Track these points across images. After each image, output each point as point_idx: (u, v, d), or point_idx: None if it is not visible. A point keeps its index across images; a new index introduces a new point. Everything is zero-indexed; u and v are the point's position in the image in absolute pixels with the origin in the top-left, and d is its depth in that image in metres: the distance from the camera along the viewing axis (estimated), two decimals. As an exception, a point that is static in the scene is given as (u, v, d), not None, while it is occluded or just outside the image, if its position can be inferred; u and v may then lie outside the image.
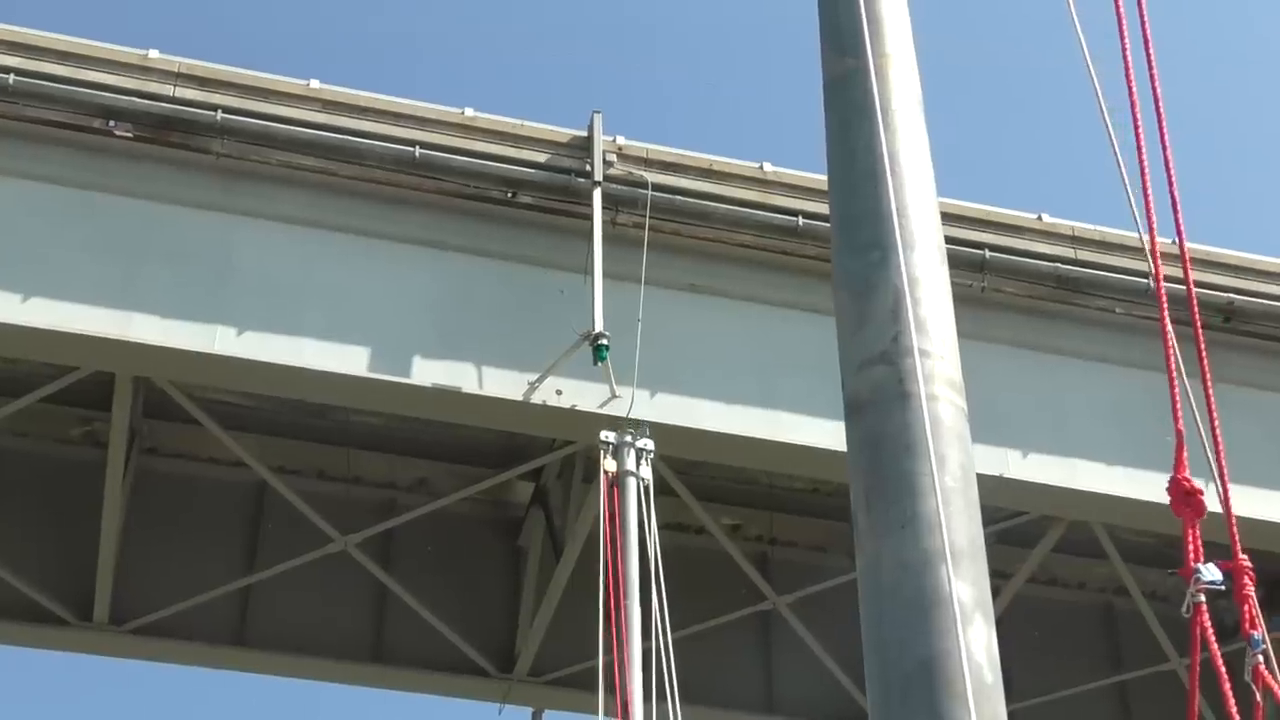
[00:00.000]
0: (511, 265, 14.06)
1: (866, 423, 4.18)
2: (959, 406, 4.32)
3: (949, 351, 4.39)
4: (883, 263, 4.31)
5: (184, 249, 13.40)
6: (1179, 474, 4.81)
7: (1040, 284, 14.93)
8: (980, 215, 15.03)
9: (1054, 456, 14.41)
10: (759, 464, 14.60)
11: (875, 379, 4.21)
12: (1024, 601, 17.94)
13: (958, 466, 4.13)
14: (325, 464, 16.36)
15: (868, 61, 4.59)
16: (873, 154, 4.45)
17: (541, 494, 16.38)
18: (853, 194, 4.49)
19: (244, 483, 16.43)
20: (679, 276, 14.39)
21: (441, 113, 14.12)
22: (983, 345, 14.84)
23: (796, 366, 13.93)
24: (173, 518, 16.19)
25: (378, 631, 16.35)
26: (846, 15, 4.69)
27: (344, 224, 13.85)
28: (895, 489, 4.01)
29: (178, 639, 15.74)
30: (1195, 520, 4.76)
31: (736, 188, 14.51)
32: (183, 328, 13.00)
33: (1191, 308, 6.05)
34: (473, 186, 14.02)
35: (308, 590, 16.18)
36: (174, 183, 13.59)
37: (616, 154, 14.26)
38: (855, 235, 4.41)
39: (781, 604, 15.85)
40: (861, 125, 4.50)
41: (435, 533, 16.83)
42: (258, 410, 15.83)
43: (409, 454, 16.34)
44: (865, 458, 4.13)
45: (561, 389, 13.48)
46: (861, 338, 4.28)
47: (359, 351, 13.28)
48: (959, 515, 3.98)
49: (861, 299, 4.33)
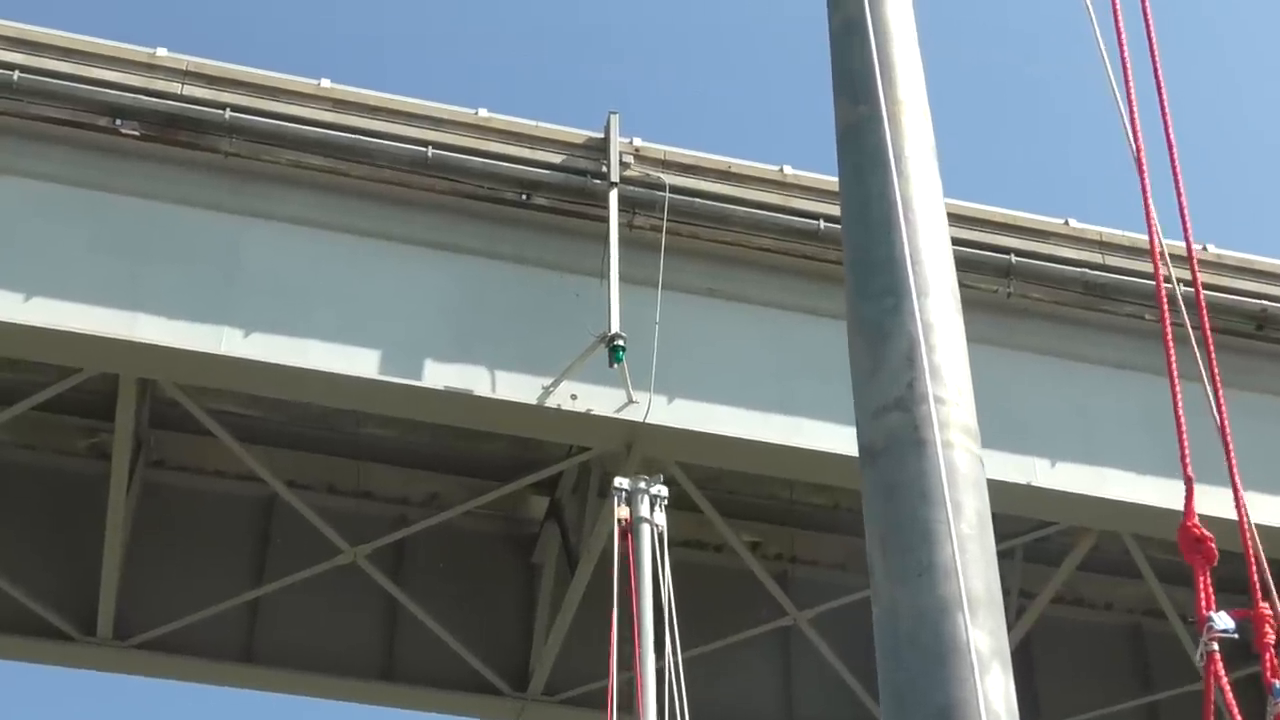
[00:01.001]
0: (526, 269, 13.75)
1: (882, 470, 4.15)
2: (975, 453, 4.21)
3: (964, 398, 4.26)
4: (897, 309, 4.30)
5: (191, 249, 13.11)
6: (1188, 521, 4.68)
7: (1067, 290, 14.59)
8: (1006, 220, 14.70)
9: (1083, 465, 14.04)
10: (779, 471, 14.22)
11: (890, 426, 4.17)
12: (1051, 622, 17.55)
13: (974, 514, 4.07)
14: (335, 478, 16.02)
15: (880, 109, 4.60)
16: (886, 200, 4.46)
17: (556, 508, 16.02)
18: (867, 240, 4.51)
19: (252, 496, 16.09)
20: (697, 280, 14.07)
21: (455, 113, 13.84)
22: (1009, 352, 14.52)
23: (817, 372, 13.57)
24: (179, 531, 15.85)
25: (388, 649, 15.97)
26: (859, 62, 4.71)
27: (354, 225, 13.55)
28: (911, 536, 3.97)
29: (183, 654, 15.36)
30: (1206, 568, 4.66)
31: (756, 190, 14.20)
32: (189, 328, 12.69)
33: (1200, 312, 5.75)
34: (486, 188, 13.73)
35: (317, 606, 15.81)
36: (181, 182, 13.31)
37: (633, 155, 13.97)
38: (869, 281, 4.41)
39: (802, 619, 15.44)
40: (875, 172, 4.53)
41: (448, 549, 16.47)
42: (266, 421, 15.51)
43: (421, 467, 15.99)
44: (880, 505, 4.11)
45: (577, 394, 13.14)
46: (876, 384, 4.26)
47: (369, 354, 12.97)
48: (975, 563, 3.96)
49: (876, 345, 4.31)
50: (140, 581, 15.46)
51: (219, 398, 14.83)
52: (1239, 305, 14.87)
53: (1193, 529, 4.70)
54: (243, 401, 15.38)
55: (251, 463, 14.64)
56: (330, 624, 15.86)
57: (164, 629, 15.15)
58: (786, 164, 14.46)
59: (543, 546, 16.22)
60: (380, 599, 15.91)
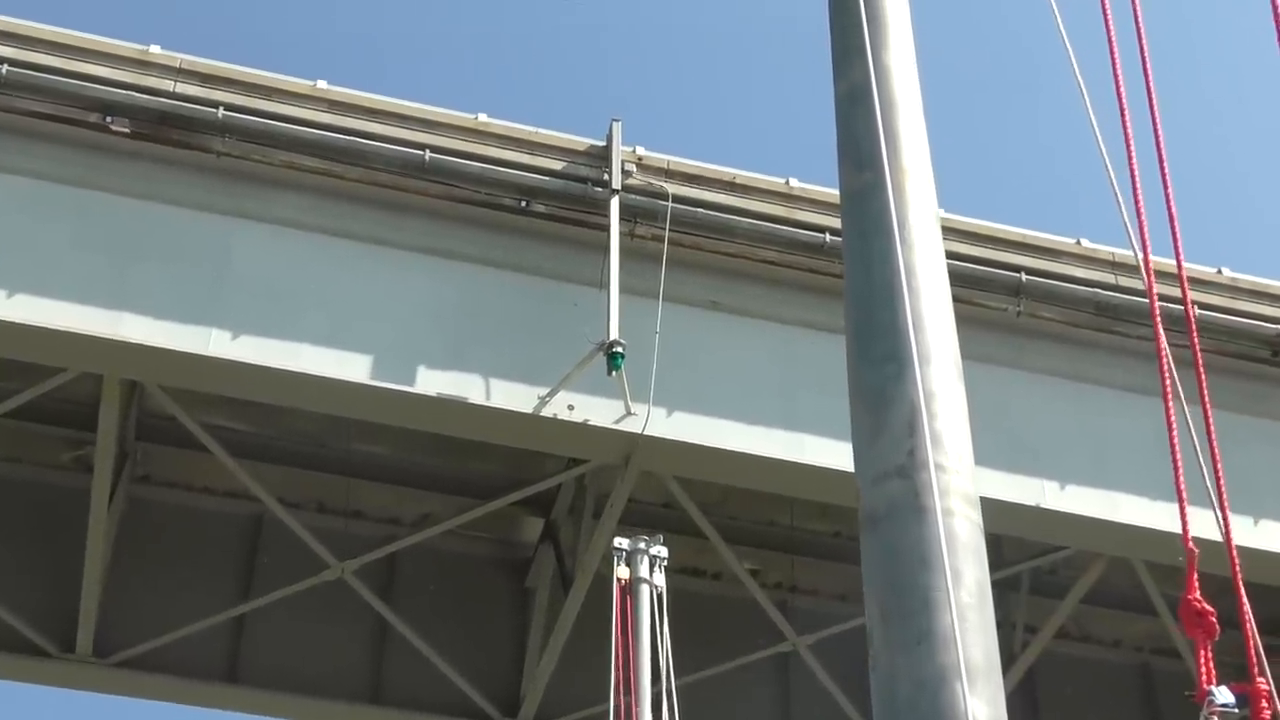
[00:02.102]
0: (523, 277, 13.40)
1: (882, 536, 4.16)
2: (975, 522, 4.20)
3: (965, 466, 4.28)
4: (899, 376, 4.33)
5: (180, 250, 12.77)
6: (1190, 594, 4.64)
7: (1079, 310, 14.22)
8: (1017, 238, 14.36)
9: (1093, 489, 13.64)
10: (780, 487, 13.81)
11: (891, 493, 4.19)
12: (1058, 659, 17.12)
13: (974, 583, 4.06)
14: (325, 496, 15.62)
15: (885, 176, 4.65)
16: (889, 267, 4.51)
17: (551, 530, 15.61)
18: (869, 306, 4.55)
19: (239, 514, 15.70)
20: (699, 293, 13.71)
21: (453, 117, 13.52)
22: (1019, 373, 14.19)
23: (821, 388, 13.17)
24: (165, 548, 15.44)
25: (377, 672, 15.52)
26: (864, 130, 4.77)
27: (348, 229, 13.21)
28: (910, 604, 3.98)
29: (165, 673, 14.92)
30: (1207, 641, 4.61)
31: (760, 202, 13.87)
32: (176, 329, 12.33)
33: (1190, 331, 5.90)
34: (484, 193, 13.39)
35: (304, 627, 15.39)
36: (172, 182, 12.98)
37: (636, 164, 13.64)
38: (871, 347, 4.45)
39: (802, 644, 15.01)
40: (878, 238, 4.58)
41: (440, 571, 16.06)
42: (257, 436, 15.13)
43: (413, 486, 15.59)
44: (880, 572, 4.13)
45: (574, 404, 12.77)
46: (877, 451, 4.28)
47: (361, 359, 12.60)
48: (974, 632, 3.96)
49: (877, 412, 4.33)
50: (122, 598, 15.04)
51: (209, 409, 14.46)
52: (1255, 330, 14.51)
53: (1194, 603, 4.67)
54: (233, 415, 15.01)
55: (241, 475, 14.24)
56: (318, 645, 15.43)
57: (145, 646, 14.73)
58: (792, 177, 14.12)
59: (537, 570, 15.81)
60: (369, 621, 15.49)
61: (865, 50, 4.90)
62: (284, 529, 15.15)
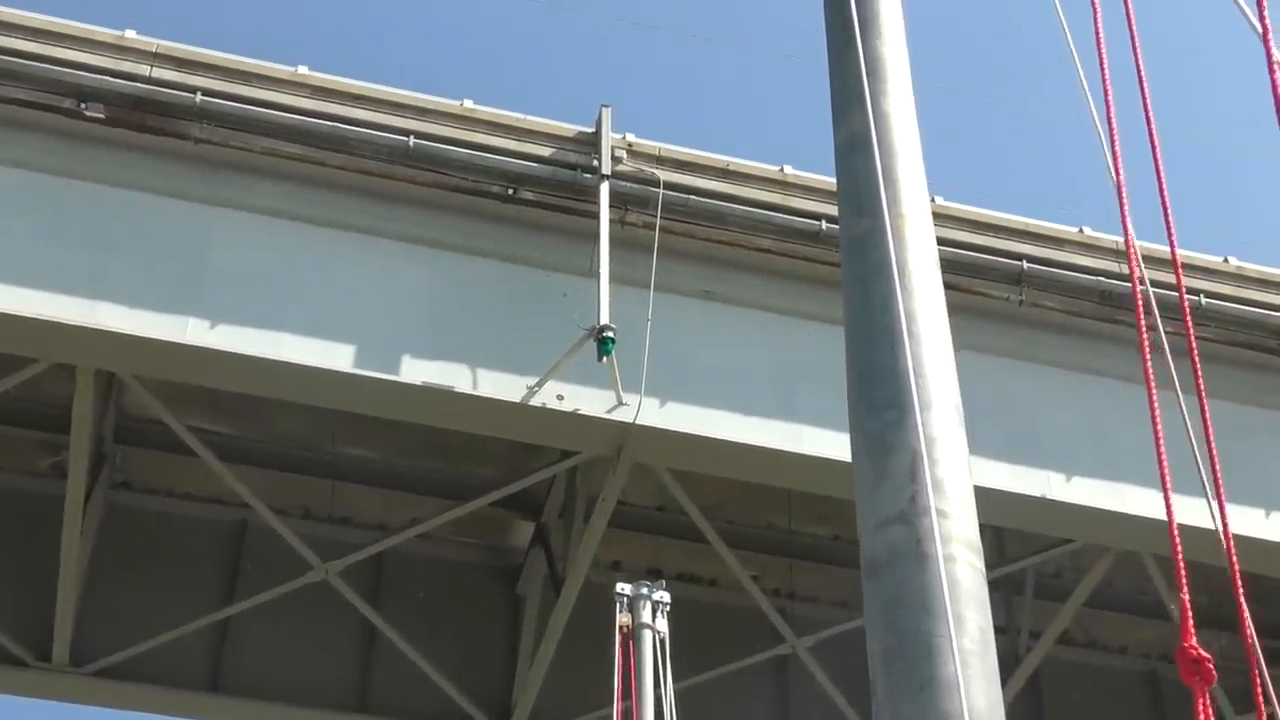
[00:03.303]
0: (511, 267, 13.02)
1: (884, 583, 4.17)
2: (977, 568, 4.20)
3: (967, 512, 4.30)
4: (900, 423, 4.34)
5: (157, 238, 12.38)
6: (1186, 642, 4.61)
7: (1082, 299, 13.85)
8: (1018, 226, 14.01)
9: (1100, 480, 13.25)
10: (778, 479, 13.40)
11: (892, 539, 4.20)
12: (1062, 665, 16.72)
13: (976, 629, 4.07)
14: (311, 501, 15.21)
15: (885, 222, 4.68)
16: (890, 313, 4.53)
17: (542, 533, 15.20)
18: (870, 352, 4.57)
19: (222, 520, 15.30)
20: (692, 282, 13.34)
21: (438, 103, 13.16)
22: (1022, 364, 13.83)
23: (819, 379, 12.79)
24: (145, 555, 15.02)
25: (364, 680, 15.08)
26: (864, 177, 4.82)
27: (331, 218, 12.84)
28: (913, 651, 3.99)
29: (145, 683, 14.46)
30: (1205, 689, 4.59)
31: (755, 189, 13.50)
32: (152, 318, 11.94)
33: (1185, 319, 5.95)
34: (470, 181, 13.01)
35: (289, 634, 14.96)
36: (149, 170, 12.60)
37: (626, 150, 13.28)
38: (873, 394, 4.46)
39: (801, 646, 14.58)
40: (879, 284, 4.61)
41: (430, 579, 15.65)
42: (240, 439, 14.73)
43: (401, 489, 15.18)
44: (883, 619, 4.13)
45: (564, 394, 12.38)
46: (879, 497, 4.28)
47: (344, 349, 12.21)
48: (977, 679, 3.96)
49: (879, 458, 4.34)
50: (101, 606, 14.62)
51: (190, 411, 14.07)
52: (1263, 319, 14.14)
53: (1190, 650, 4.63)
54: (215, 417, 14.63)
55: (225, 476, 13.80)
56: (303, 653, 15.00)
57: (123, 655, 14.28)
58: (787, 165, 13.77)
59: (527, 576, 15.40)
60: (356, 628, 15.07)
61: (865, 98, 4.95)
62: (268, 535, 14.73)
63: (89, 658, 14.37)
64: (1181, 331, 14.44)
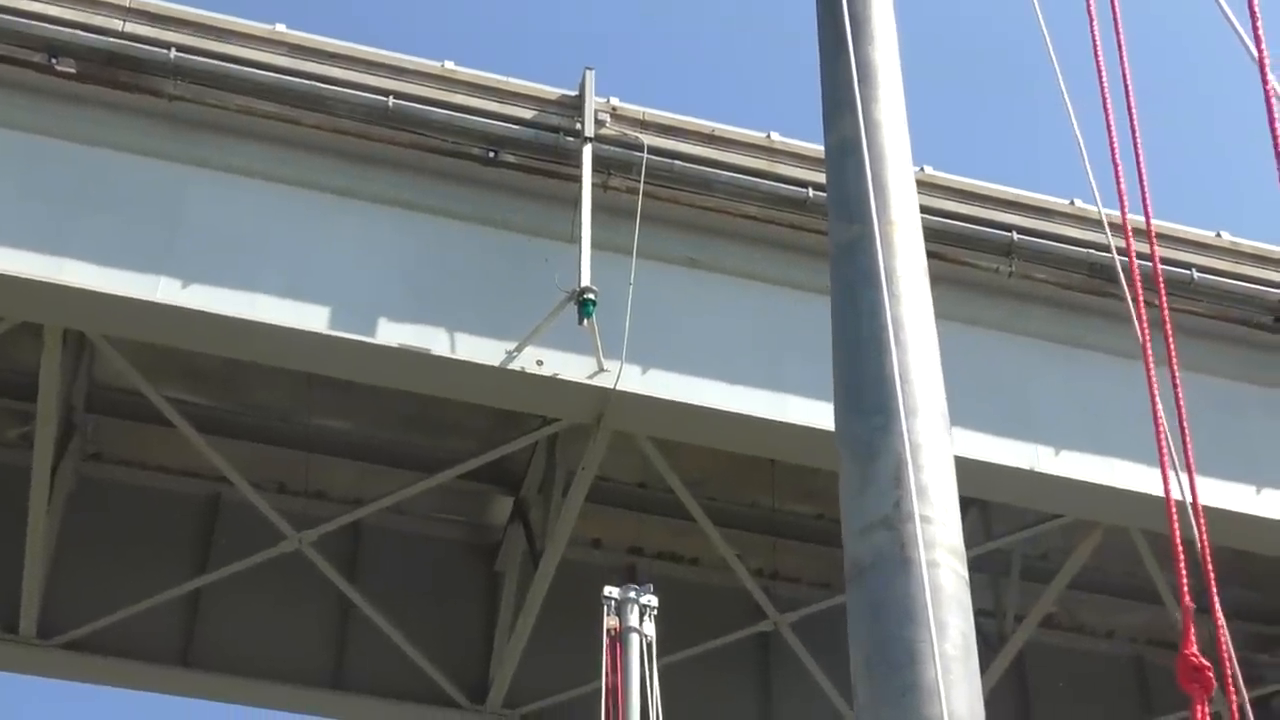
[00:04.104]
0: (491, 231, 12.74)
1: (868, 588, 4.22)
2: (960, 574, 4.24)
3: (951, 518, 4.33)
4: (885, 428, 4.38)
5: (129, 197, 12.07)
6: (1186, 649, 4.66)
7: (1072, 272, 13.59)
8: (1008, 197, 13.76)
9: (1089, 454, 13.00)
10: (762, 449, 13.12)
11: (876, 544, 4.24)
12: (1048, 649, 16.49)
13: (958, 634, 4.11)
14: (287, 476, 14.91)
15: (874, 229, 4.73)
16: (877, 320, 4.58)
17: (521, 509, 14.92)
18: (857, 359, 4.61)
19: (196, 494, 15.02)
20: (676, 250, 13.07)
21: (419, 64, 12.86)
22: (1012, 337, 13.61)
23: (805, 349, 12.51)
24: (116, 528, 14.73)
25: (339, 656, 14.80)
26: (854, 183, 4.85)
27: (308, 179, 12.55)
28: (895, 657, 4.03)
29: (113, 656, 14.16)
30: (1204, 697, 4.61)
31: (741, 155, 13.23)
32: (122, 276, 11.63)
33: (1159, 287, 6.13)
34: (451, 142, 12.73)
35: (262, 607, 14.68)
36: (121, 127, 12.30)
37: (610, 114, 13.00)
38: (859, 400, 4.50)
39: (784, 623, 14.32)
40: (867, 291, 4.65)
41: (407, 556, 15.39)
42: (216, 411, 14.43)
43: (378, 463, 14.89)
44: (866, 624, 4.17)
45: (543, 359, 12.11)
46: (863, 502, 4.33)
47: (319, 310, 11.92)
48: (959, 684, 3.99)
49: (864, 463, 4.39)
50: (70, 579, 14.33)
51: (165, 381, 13.74)
52: (1257, 295, 13.91)
53: (1191, 658, 4.66)
54: (191, 388, 14.34)
55: (202, 446, 13.47)
56: (276, 628, 14.72)
57: (92, 627, 13.99)
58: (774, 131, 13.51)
59: (506, 553, 15.12)
60: (331, 603, 14.79)
61: (855, 104, 4.98)
62: (242, 510, 14.46)
63: (57, 630, 14.08)
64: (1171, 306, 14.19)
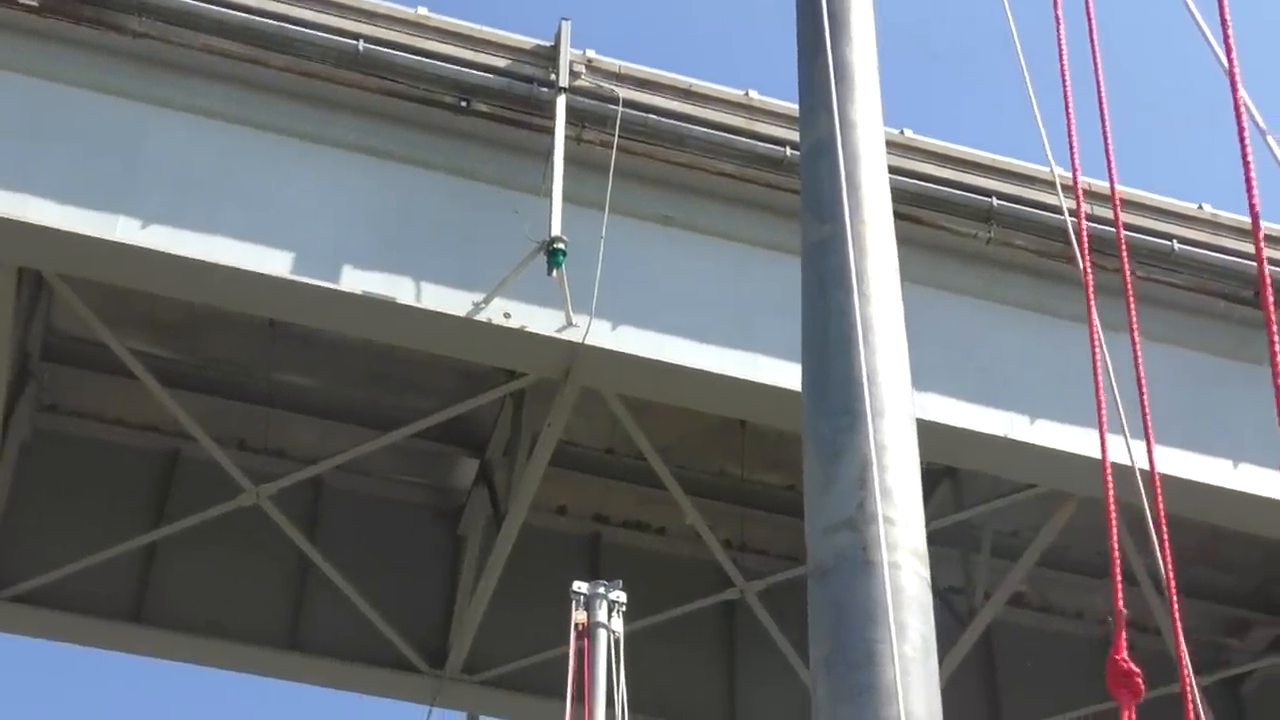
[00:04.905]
0: (461, 181, 12.45)
1: (829, 589, 4.21)
2: (922, 576, 4.24)
3: (914, 520, 4.33)
4: (851, 428, 4.38)
5: (89, 135, 11.75)
6: (1116, 653, 4.71)
7: (1052, 240, 13.35)
8: (988, 162, 13.52)
9: (1064, 424, 12.76)
10: (733, 409, 12.88)
11: (839, 545, 4.23)
12: (1016, 629, 16.29)
13: (918, 637, 4.11)
14: (247, 432, 14.60)
15: (846, 229, 4.72)
16: (847, 320, 4.57)
17: (486, 471, 14.64)
18: (825, 358, 4.59)
19: (154, 449, 14.71)
20: (650, 207, 12.80)
21: (390, 9, 12.55)
22: (989, 305, 13.40)
23: (778, 310, 12.19)
24: (71, 481, 14.43)
25: (296, 616, 14.52)
26: (828, 183, 4.84)
27: (274, 123, 12.24)
28: (854, 657, 4.06)
29: (64, 610, 13.85)
30: (1131, 702, 4.65)
31: (718, 112, 12.95)
32: (79, 214, 11.31)
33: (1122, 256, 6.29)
34: (422, 89, 12.43)
35: (218, 565, 14.39)
36: (82, 63, 11.96)
37: (585, 66, 12.72)
38: (826, 399, 4.49)
39: (750, 590, 14.09)
40: (837, 291, 4.64)
41: (369, 517, 15.10)
42: (177, 364, 14.11)
43: (341, 420, 14.59)
44: (827, 624, 4.17)
45: (510, 311, 11.83)
46: (827, 502, 4.31)
47: (282, 255, 11.62)
48: (918, 686, 4.00)
49: (829, 463, 4.37)
50: (21, 531, 14.04)
51: (125, 331, 13.42)
52: (1238, 268, 13.68)
53: (1121, 663, 4.69)
54: (152, 339, 14.02)
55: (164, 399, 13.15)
56: (232, 586, 14.44)
57: (42, 580, 13.68)
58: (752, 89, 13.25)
59: (469, 516, 14.84)
60: (289, 562, 14.51)
61: (832, 105, 4.97)
62: (200, 466, 14.19)
63: (5, 583, 13.76)
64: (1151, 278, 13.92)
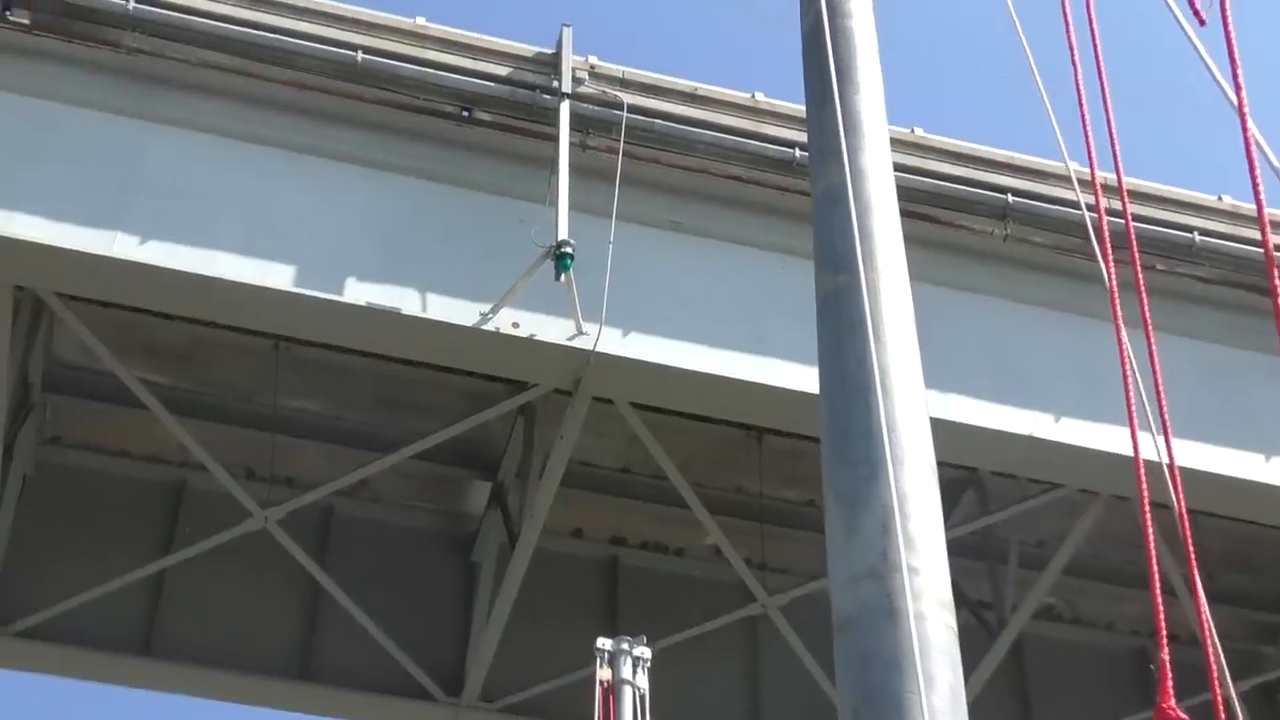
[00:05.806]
0: (465, 193, 12.22)
1: (855, 639, 4.15)
2: (949, 625, 4.18)
3: (939, 569, 4.25)
4: (872, 478, 4.33)
5: (85, 153, 11.54)
6: (1164, 702, 4.66)
7: (1070, 235, 13.08)
8: (1003, 159, 13.29)
9: (1089, 421, 12.46)
10: (747, 414, 12.56)
11: (864, 595, 4.17)
12: (1047, 642, 15.93)
13: (946, 687, 4.04)
14: (253, 460, 14.30)
15: (860, 278, 4.69)
16: (864, 368, 4.54)
17: (499, 494, 14.34)
18: (844, 408, 4.55)
19: (160, 480, 14.42)
20: (658, 212, 12.56)
21: (389, 19, 12.37)
22: (1007, 302, 13.11)
23: (791, 313, 11.91)
24: (76, 515, 14.12)
25: (307, 646, 14.18)
26: (840, 232, 4.83)
27: (273, 137, 12.04)
28: (883, 709, 3.97)
29: (71, 645, 13.53)
30: None
31: (724, 115, 12.73)
32: (76, 231, 11.09)
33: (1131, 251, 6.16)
34: (422, 100, 12.23)
35: (228, 597, 14.06)
36: (76, 81, 11.79)
37: (588, 73, 12.51)
38: (846, 449, 4.44)
39: (772, 605, 13.76)
40: (854, 340, 4.61)
41: (381, 544, 14.78)
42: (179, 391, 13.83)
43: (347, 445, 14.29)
44: (853, 674, 4.11)
45: (519, 321, 11.56)
46: (850, 552, 4.25)
47: (284, 268, 11.38)
48: None
49: (851, 513, 4.31)
50: (26, 565, 13.71)
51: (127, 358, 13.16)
52: (1261, 259, 13.38)
53: (1169, 711, 4.64)
54: (154, 366, 13.75)
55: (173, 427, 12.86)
56: (243, 618, 14.09)
57: (49, 614, 13.36)
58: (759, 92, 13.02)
59: (483, 541, 14.53)
60: (300, 592, 14.18)
61: (842, 154, 4.96)
62: (207, 495, 13.91)
63: (10, 618, 13.45)
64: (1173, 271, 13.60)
